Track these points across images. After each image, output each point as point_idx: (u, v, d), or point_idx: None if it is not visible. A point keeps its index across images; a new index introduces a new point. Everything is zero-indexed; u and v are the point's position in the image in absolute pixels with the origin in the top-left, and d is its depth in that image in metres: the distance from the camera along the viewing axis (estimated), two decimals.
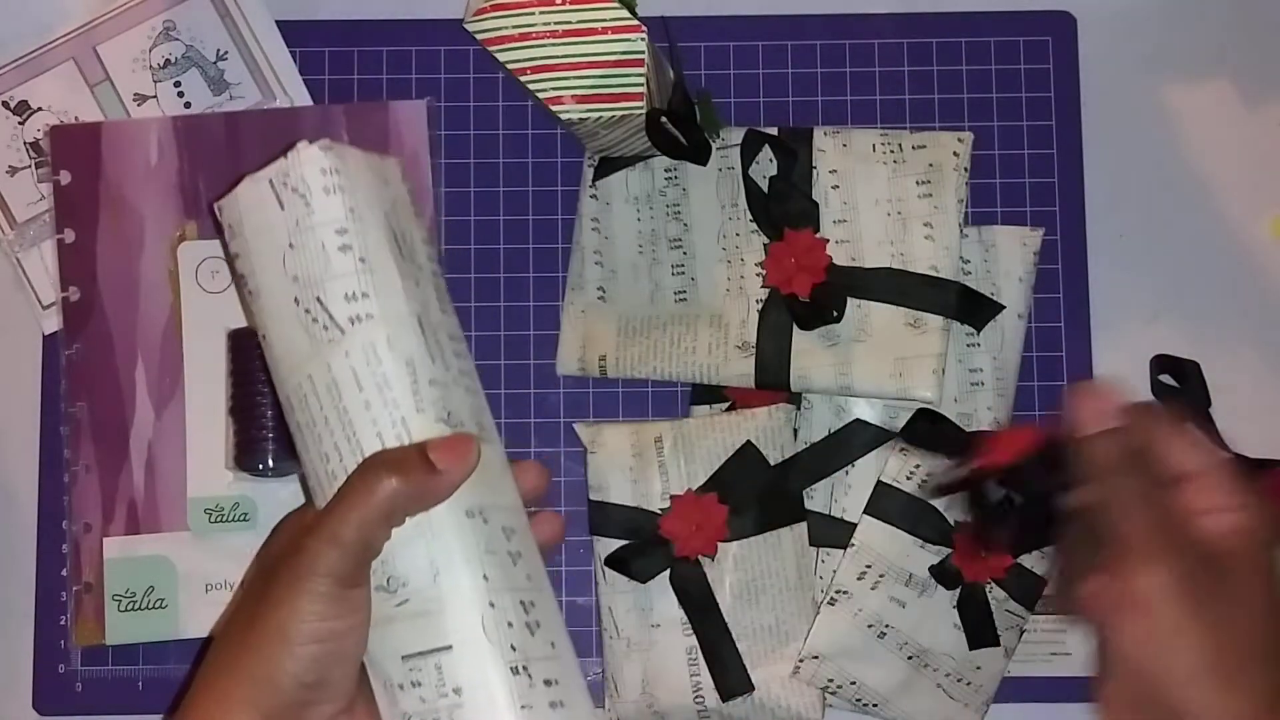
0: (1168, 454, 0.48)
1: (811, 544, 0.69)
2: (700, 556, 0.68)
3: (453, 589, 0.48)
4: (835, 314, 0.69)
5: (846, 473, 0.70)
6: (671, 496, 0.68)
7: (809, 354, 0.69)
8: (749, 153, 0.72)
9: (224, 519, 0.70)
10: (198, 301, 0.72)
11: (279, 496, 0.70)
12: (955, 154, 0.71)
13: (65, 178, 0.73)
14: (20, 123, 0.74)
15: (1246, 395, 0.73)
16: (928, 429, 0.68)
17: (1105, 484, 0.48)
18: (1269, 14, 0.75)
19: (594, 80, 0.64)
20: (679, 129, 0.69)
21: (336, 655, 0.48)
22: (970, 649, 0.68)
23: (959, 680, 0.69)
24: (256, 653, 0.48)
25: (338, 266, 0.50)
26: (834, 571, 0.69)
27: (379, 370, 0.49)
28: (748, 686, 0.68)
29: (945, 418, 0.69)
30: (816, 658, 0.68)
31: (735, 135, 0.72)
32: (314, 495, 0.51)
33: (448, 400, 0.50)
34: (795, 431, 0.70)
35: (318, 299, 0.49)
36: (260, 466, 0.68)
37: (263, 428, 0.68)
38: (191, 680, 0.50)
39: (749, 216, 0.71)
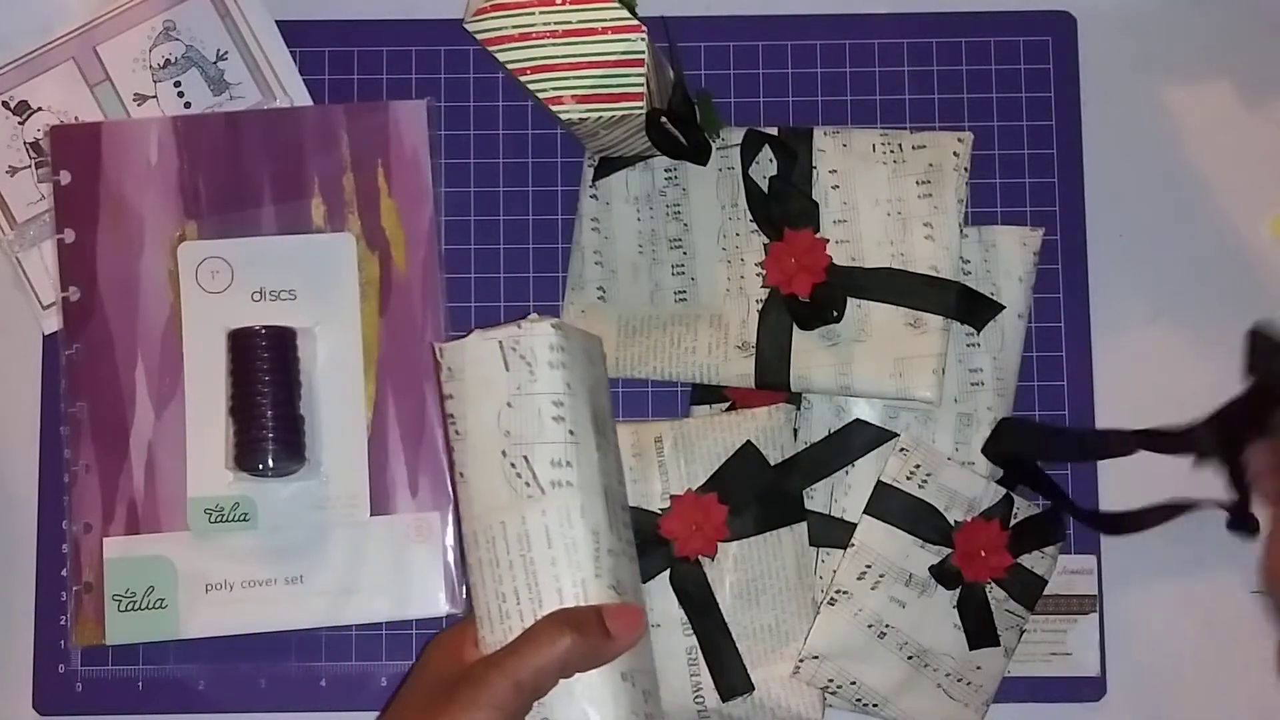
0: None
1: (811, 544, 0.69)
2: (700, 556, 0.68)
3: None
4: (835, 314, 0.69)
5: (846, 473, 0.70)
6: (671, 496, 0.68)
7: (809, 354, 0.69)
8: (749, 153, 0.72)
9: (224, 519, 0.70)
10: (198, 301, 0.72)
11: (279, 496, 0.70)
12: (955, 154, 0.71)
13: (65, 178, 0.73)
14: (20, 123, 0.74)
15: None
16: (1021, 432, 0.70)
17: None
18: (1269, 14, 0.75)
19: (594, 80, 0.64)
20: (679, 129, 0.69)
21: None
22: (970, 649, 0.68)
23: (959, 680, 0.69)
24: None
25: (550, 433, 0.56)
26: (834, 571, 0.69)
27: (569, 534, 0.55)
28: (748, 686, 0.68)
29: (1030, 421, 0.71)
30: (816, 658, 0.68)
31: (735, 135, 0.72)
32: (480, 624, 0.57)
33: (619, 570, 0.57)
34: (795, 431, 0.70)
35: (524, 457, 0.56)
36: (260, 466, 0.68)
37: (263, 428, 0.68)
38: None
39: (749, 216, 0.72)
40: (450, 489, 0.71)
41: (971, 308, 0.70)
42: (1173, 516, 0.70)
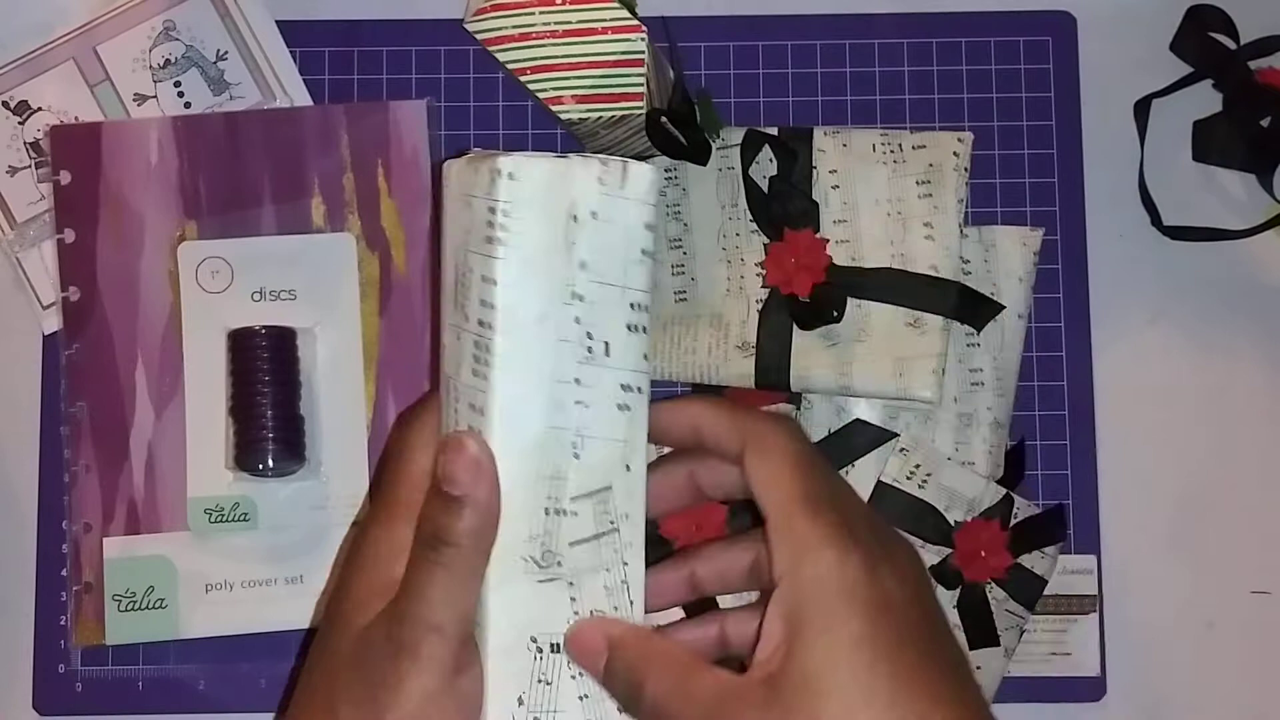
0: None
1: None
2: None
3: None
4: (835, 314, 0.69)
5: (846, 473, 0.70)
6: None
7: (809, 354, 0.69)
8: (749, 153, 0.72)
9: (224, 519, 0.70)
10: (198, 301, 0.72)
11: (279, 496, 0.70)
12: (955, 154, 0.71)
13: (65, 178, 0.73)
14: (20, 123, 0.74)
15: (1246, 395, 0.73)
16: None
17: None
18: (1268, 14, 0.74)
19: (594, 80, 0.64)
20: (679, 129, 0.69)
21: None
22: (970, 649, 0.68)
23: None
24: None
25: None
26: None
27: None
28: None
29: None
30: None
31: (735, 135, 0.72)
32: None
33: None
34: None
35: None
36: (260, 466, 0.68)
37: (263, 428, 0.68)
38: None
39: (749, 216, 0.72)
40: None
41: (971, 308, 0.70)
42: None
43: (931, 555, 0.68)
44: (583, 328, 0.46)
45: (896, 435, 0.70)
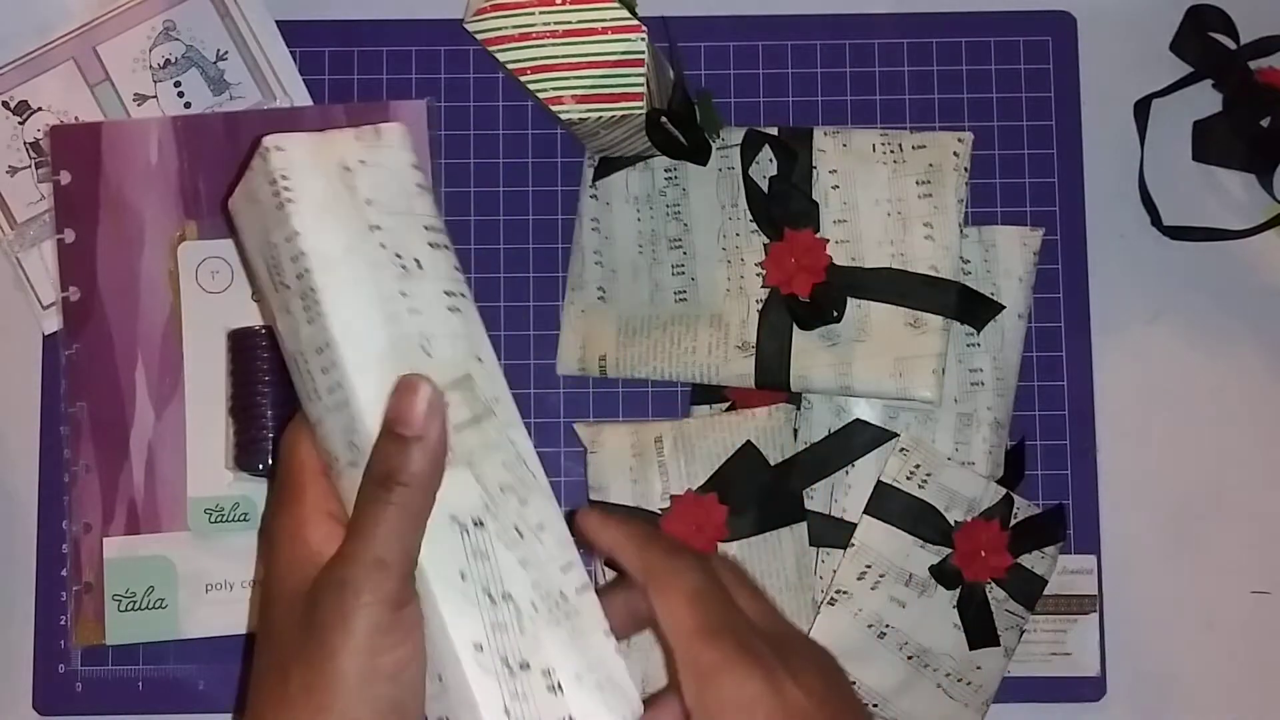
0: None
1: (811, 544, 0.69)
2: None
3: None
4: (835, 314, 0.69)
5: (846, 473, 0.70)
6: (671, 496, 0.68)
7: (809, 354, 0.69)
8: (749, 153, 0.72)
9: (224, 519, 0.70)
10: (198, 301, 0.72)
11: None
12: (955, 154, 0.71)
13: (65, 178, 0.73)
14: (20, 123, 0.74)
15: (1246, 395, 0.73)
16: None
17: None
18: (1268, 14, 0.74)
19: (594, 80, 0.64)
20: (679, 129, 0.69)
21: (409, 687, 0.46)
22: (970, 649, 0.68)
23: (959, 680, 0.69)
24: (327, 712, 0.44)
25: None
26: (834, 571, 0.69)
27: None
28: None
29: None
30: None
31: (735, 135, 0.72)
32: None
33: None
34: (795, 431, 0.70)
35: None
36: (260, 466, 0.68)
37: (263, 428, 0.68)
38: None
39: (749, 216, 0.71)
40: None
41: (971, 308, 0.70)
42: None
43: (931, 555, 0.68)
44: (389, 251, 0.50)
45: (896, 435, 0.70)
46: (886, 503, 0.69)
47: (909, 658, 0.68)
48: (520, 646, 0.47)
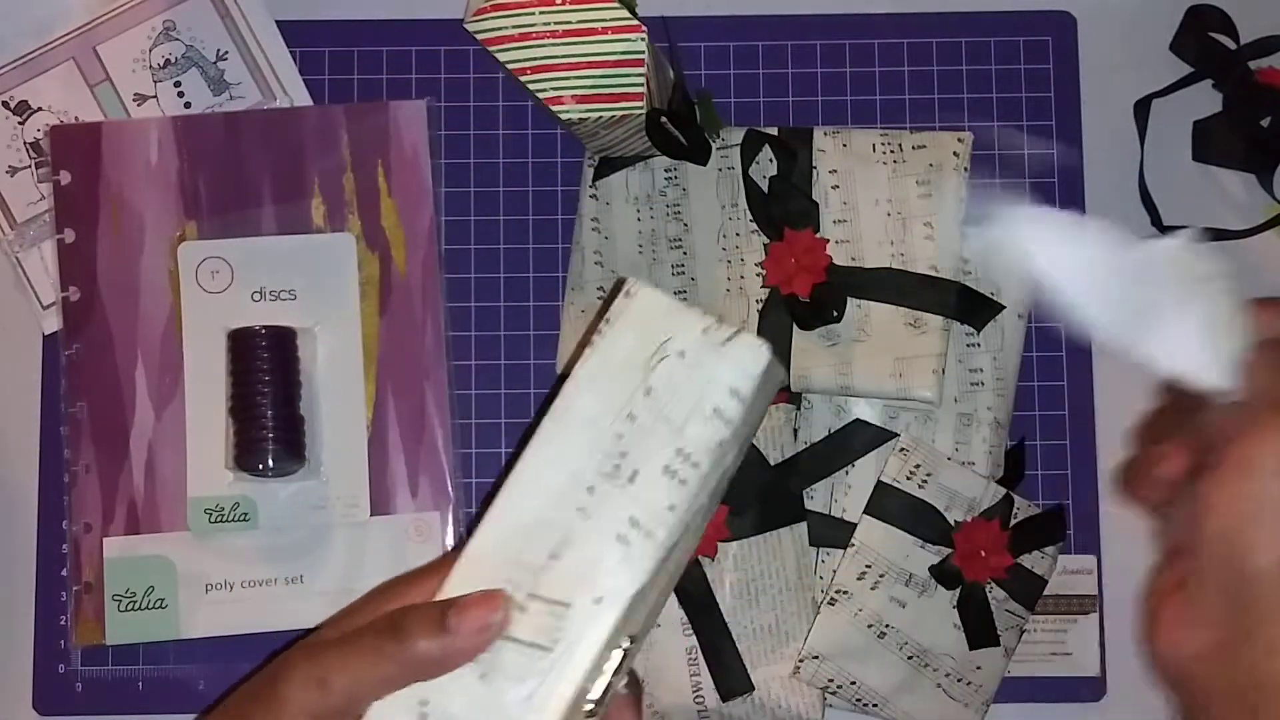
0: None
1: (811, 544, 0.69)
2: (700, 556, 0.68)
3: None
4: (835, 314, 0.69)
5: (846, 473, 0.70)
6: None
7: (809, 354, 0.69)
8: (749, 153, 0.72)
9: (224, 519, 0.70)
10: (198, 301, 0.72)
11: (279, 496, 0.70)
12: (955, 154, 0.71)
13: (65, 178, 0.73)
14: (20, 123, 0.74)
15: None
16: None
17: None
18: (1268, 14, 0.74)
19: (594, 80, 0.64)
20: (679, 129, 0.69)
21: None
22: (970, 649, 0.68)
23: (959, 680, 0.69)
24: None
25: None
26: (834, 571, 0.69)
27: None
28: (747, 686, 0.68)
29: None
30: (816, 658, 0.68)
31: (735, 135, 0.72)
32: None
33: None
34: (795, 431, 0.70)
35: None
36: (260, 466, 0.68)
37: (263, 428, 0.68)
38: None
39: (749, 216, 0.71)
40: (449, 488, 0.71)
41: (971, 308, 0.70)
42: None
43: (931, 555, 0.68)
44: (620, 446, 0.46)
45: (896, 435, 0.70)
46: (886, 503, 0.69)
47: (909, 658, 0.68)
48: None
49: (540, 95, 0.64)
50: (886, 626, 0.68)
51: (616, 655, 0.46)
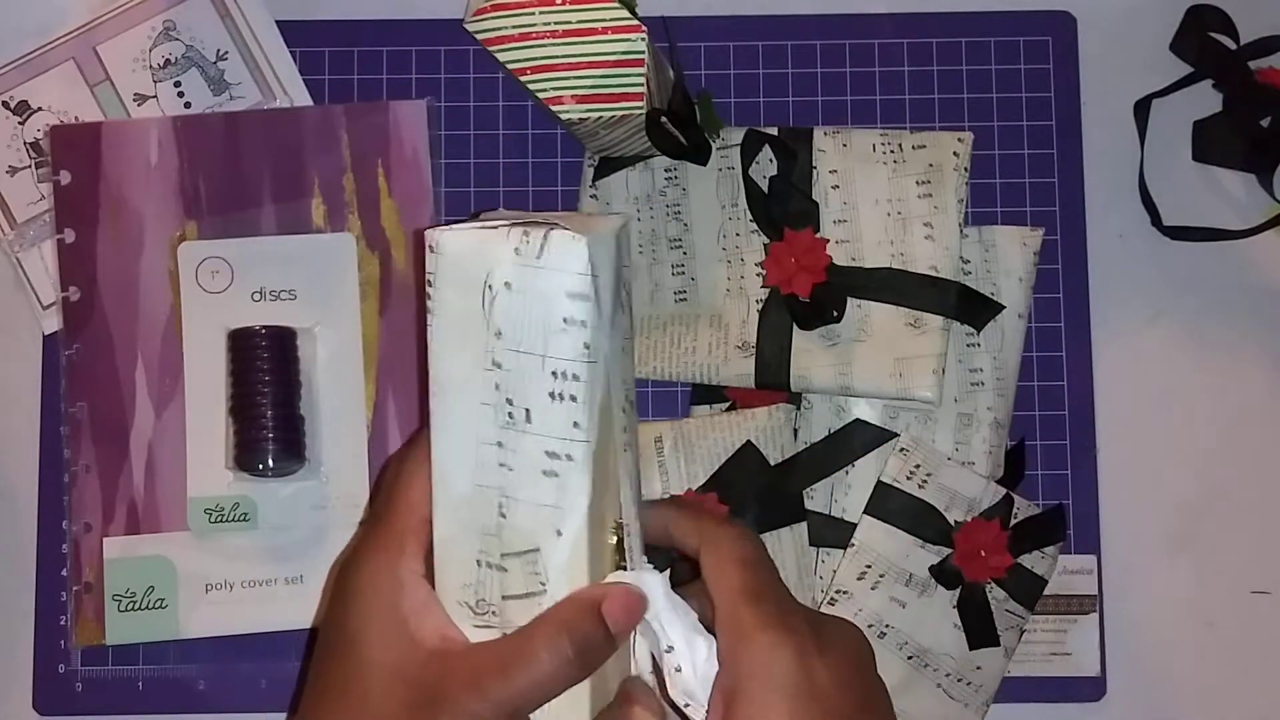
0: None
1: (811, 544, 0.69)
2: None
3: None
4: (835, 314, 0.69)
5: (846, 473, 0.70)
6: (671, 496, 0.68)
7: (809, 354, 0.70)
8: (749, 153, 0.72)
9: (224, 519, 0.70)
10: (198, 301, 0.72)
11: (279, 496, 0.70)
12: (955, 154, 0.71)
13: (65, 178, 0.73)
14: (20, 123, 0.74)
15: (1246, 395, 0.73)
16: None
17: None
18: (1268, 14, 0.74)
19: (594, 80, 0.64)
20: (679, 129, 0.69)
21: None
22: (970, 649, 0.68)
23: (959, 680, 0.69)
24: None
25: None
26: (834, 571, 0.69)
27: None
28: None
29: None
30: None
31: (735, 135, 0.72)
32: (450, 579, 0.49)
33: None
34: (795, 431, 0.70)
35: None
36: (260, 466, 0.68)
37: (263, 428, 0.68)
38: None
39: (749, 216, 0.72)
40: None
41: (971, 308, 0.70)
42: None
43: (931, 555, 0.68)
44: (502, 394, 0.47)
45: (896, 435, 0.70)
46: (886, 503, 0.69)
47: (909, 658, 0.68)
48: None
49: (540, 95, 0.64)
50: (887, 626, 0.68)
51: (611, 543, 0.49)
